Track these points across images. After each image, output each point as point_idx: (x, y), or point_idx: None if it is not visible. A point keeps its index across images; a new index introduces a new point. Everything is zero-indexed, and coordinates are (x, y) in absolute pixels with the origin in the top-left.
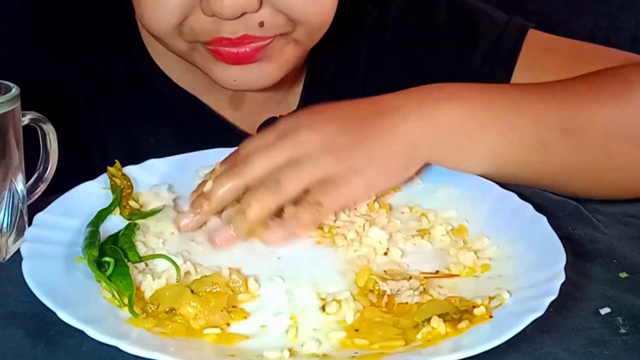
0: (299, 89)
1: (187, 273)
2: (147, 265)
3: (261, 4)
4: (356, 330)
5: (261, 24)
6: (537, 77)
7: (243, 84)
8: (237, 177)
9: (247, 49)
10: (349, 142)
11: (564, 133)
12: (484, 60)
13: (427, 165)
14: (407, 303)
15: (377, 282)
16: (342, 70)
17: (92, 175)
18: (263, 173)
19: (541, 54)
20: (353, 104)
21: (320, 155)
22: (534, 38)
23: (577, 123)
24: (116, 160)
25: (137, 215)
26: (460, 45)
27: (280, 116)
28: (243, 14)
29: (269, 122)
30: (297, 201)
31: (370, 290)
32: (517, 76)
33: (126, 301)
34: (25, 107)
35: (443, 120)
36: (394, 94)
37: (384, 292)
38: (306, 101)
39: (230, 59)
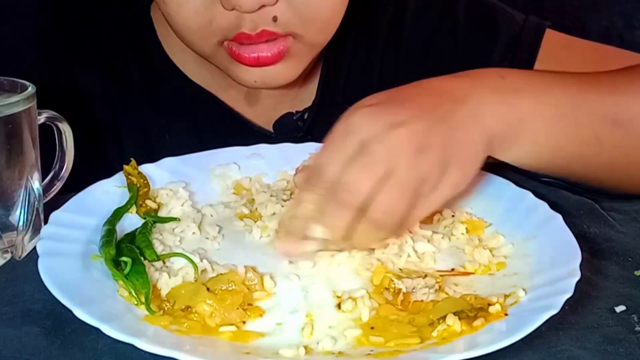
0: (314, 84)
1: (204, 271)
2: (164, 263)
3: None
4: (372, 328)
5: (274, 19)
6: None
7: (263, 84)
8: (348, 208)
9: (269, 54)
10: (440, 142)
11: (615, 125)
12: (502, 57)
13: None
14: (422, 301)
15: (393, 280)
16: (357, 65)
17: (108, 174)
18: (368, 194)
19: (560, 52)
20: (420, 93)
21: (418, 162)
22: (552, 37)
23: (627, 115)
24: (132, 159)
25: (153, 217)
26: (480, 42)
27: (297, 112)
28: (261, 7)
29: (285, 118)
30: None
31: (385, 288)
32: None
33: (143, 299)
34: (42, 105)
35: (511, 113)
36: (452, 78)
37: (400, 290)
38: (322, 96)
39: (252, 62)
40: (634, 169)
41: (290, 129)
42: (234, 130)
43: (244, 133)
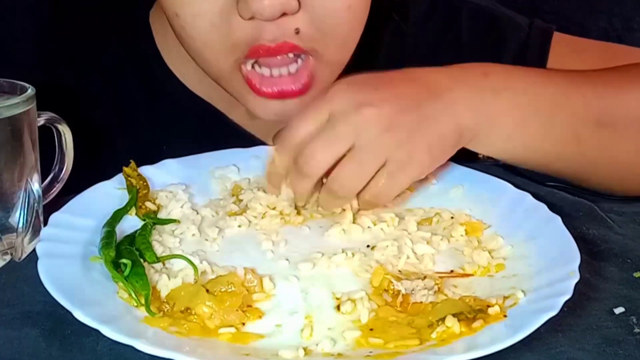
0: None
1: (203, 272)
2: (163, 264)
3: (300, 6)
4: (371, 329)
5: (297, 31)
6: None
7: (282, 117)
8: (306, 178)
9: (293, 87)
10: (408, 127)
11: (599, 126)
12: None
13: (441, 165)
14: (421, 302)
15: (392, 282)
16: None
17: (106, 177)
18: (324, 167)
19: (570, 55)
20: (400, 80)
21: (381, 141)
22: (560, 40)
23: (611, 116)
24: (131, 160)
25: (152, 219)
26: (487, 51)
27: None
28: (282, 15)
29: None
30: None
31: (385, 289)
32: None
33: (143, 301)
34: (41, 107)
35: (485, 110)
36: (437, 71)
37: (399, 291)
38: None
39: (274, 95)
40: (617, 170)
41: None
42: (233, 143)
43: (243, 145)
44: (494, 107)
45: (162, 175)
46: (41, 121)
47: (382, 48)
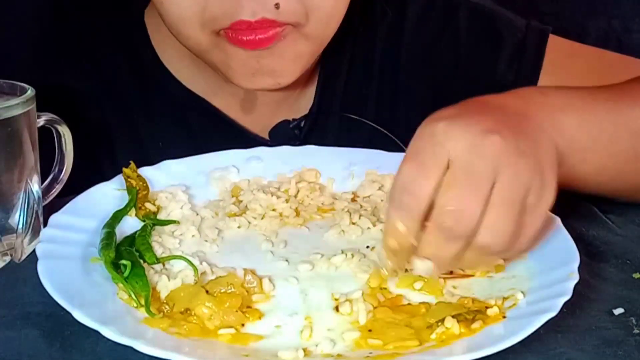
0: (311, 91)
1: (203, 273)
2: (163, 265)
3: None
4: (369, 330)
5: (277, 6)
6: (560, 83)
7: (260, 81)
8: (458, 239)
9: (267, 35)
10: (528, 146)
11: (634, 136)
12: (507, 65)
13: None
14: (418, 304)
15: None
16: (355, 73)
17: (105, 178)
18: (477, 218)
19: (565, 59)
20: (482, 106)
21: (517, 168)
22: (556, 43)
23: None
24: (131, 162)
25: (152, 220)
26: (483, 50)
27: (294, 119)
28: None
29: (282, 126)
30: None
31: (381, 288)
32: (541, 82)
33: (142, 302)
34: (41, 108)
35: (564, 131)
36: (505, 96)
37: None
38: (320, 104)
39: (249, 44)
40: None
41: (287, 137)
42: (229, 137)
43: (239, 141)
44: (567, 125)
45: (162, 176)
46: (41, 122)
47: (379, 45)
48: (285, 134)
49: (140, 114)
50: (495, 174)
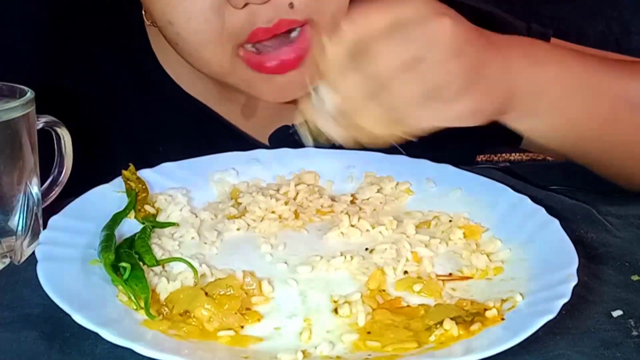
0: None
1: (202, 275)
2: (163, 267)
3: None
4: (368, 332)
5: (291, 5)
6: None
7: (287, 95)
8: (367, 78)
9: (292, 56)
10: (474, 52)
11: (632, 109)
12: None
13: (439, 169)
14: (417, 306)
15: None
16: None
17: (105, 180)
18: (391, 71)
19: None
20: (464, 23)
21: (447, 60)
22: (557, 45)
23: None
24: (130, 164)
25: (152, 222)
26: None
27: (293, 125)
28: None
29: (281, 131)
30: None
31: (380, 290)
32: None
33: (142, 304)
34: (40, 111)
35: (536, 77)
36: (491, 32)
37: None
38: None
39: (274, 70)
40: None
41: (286, 143)
42: (229, 143)
43: (239, 146)
44: (542, 74)
45: (161, 178)
46: (40, 124)
47: None
48: (285, 140)
49: (140, 119)
50: (426, 50)
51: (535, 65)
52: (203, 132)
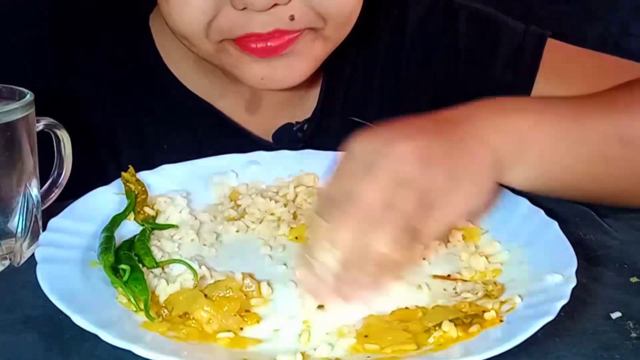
0: (315, 94)
1: (202, 277)
2: (162, 269)
3: None
4: (365, 336)
5: (291, 18)
6: (558, 86)
7: (270, 82)
8: (353, 218)
9: (280, 42)
10: (442, 153)
11: (622, 143)
12: (505, 69)
13: None
14: (415, 308)
15: None
16: (358, 76)
17: (105, 182)
18: (376, 204)
19: (562, 63)
20: (414, 120)
21: (422, 170)
22: (554, 47)
23: (633, 133)
24: (130, 166)
25: (151, 224)
26: (482, 54)
27: (297, 122)
28: (274, 5)
29: (285, 128)
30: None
31: None
32: (538, 85)
33: (142, 306)
34: (40, 113)
35: (514, 130)
36: (454, 109)
37: None
38: (323, 107)
39: (260, 52)
40: None
41: (290, 140)
42: (233, 140)
43: (243, 143)
44: (520, 126)
45: (161, 180)
46: (40, 127)
47: (381, 48)
48: (289, 137)
49: (144, 117)
50: (399, 172)
51: (508, 121)
52: (206, 130)
